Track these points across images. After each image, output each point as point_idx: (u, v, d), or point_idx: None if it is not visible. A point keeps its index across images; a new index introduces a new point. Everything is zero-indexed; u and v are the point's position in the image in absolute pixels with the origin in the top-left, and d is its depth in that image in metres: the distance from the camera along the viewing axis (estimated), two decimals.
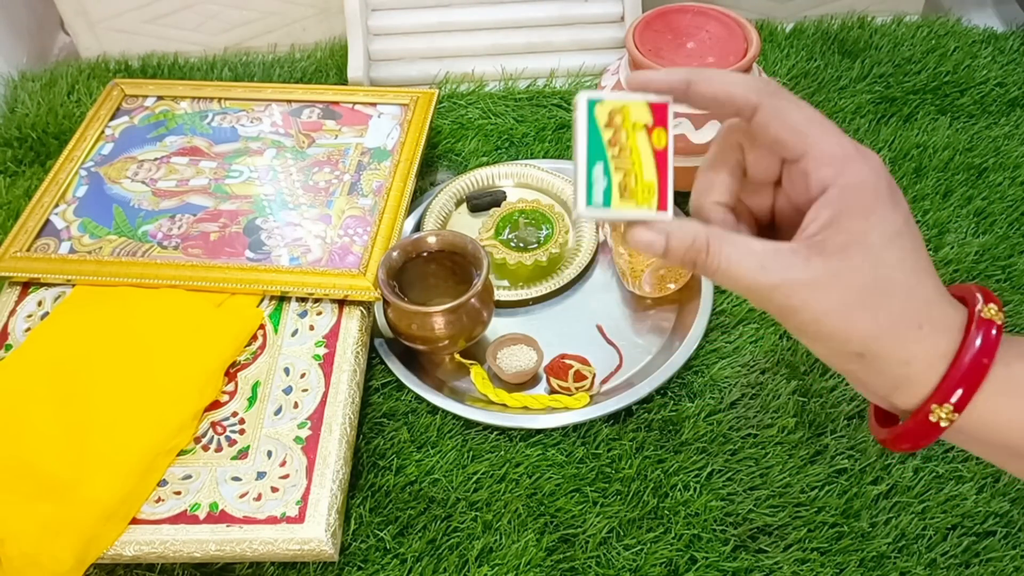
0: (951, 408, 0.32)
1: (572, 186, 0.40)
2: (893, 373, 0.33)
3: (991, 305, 0.33)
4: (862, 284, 0.32)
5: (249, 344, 0.67)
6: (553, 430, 0.66)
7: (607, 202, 0.34)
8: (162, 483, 0.60)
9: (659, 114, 0.34)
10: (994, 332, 0.32)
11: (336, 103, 0.85)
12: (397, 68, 0.98)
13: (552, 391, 0.69)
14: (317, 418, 0.63)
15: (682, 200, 0.81)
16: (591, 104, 0.34)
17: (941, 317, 0.32)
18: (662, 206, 0.34)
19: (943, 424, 0.32)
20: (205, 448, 0.62)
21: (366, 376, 0.69)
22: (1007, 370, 0.32)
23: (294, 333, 0.68)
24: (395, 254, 0.69)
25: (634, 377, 0.70)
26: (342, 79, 0.97)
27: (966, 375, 0.32)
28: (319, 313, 0.69)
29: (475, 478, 0.64)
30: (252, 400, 0.64)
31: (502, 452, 0.65)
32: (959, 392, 0.32)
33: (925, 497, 0.62)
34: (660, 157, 0.34)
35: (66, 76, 0.99)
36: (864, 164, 0.32)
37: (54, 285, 0.72)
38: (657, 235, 0.34)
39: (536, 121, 0.91)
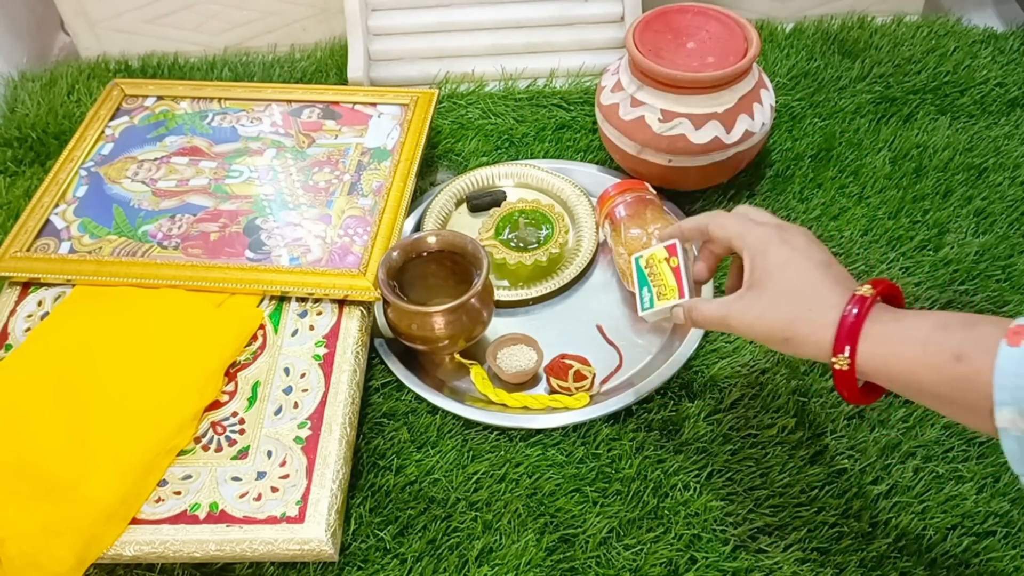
0: (845, 357, 0.47)
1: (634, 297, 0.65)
2: (808, 344, 0.49)
3: (867, 286, 0.48)
4: (770, 299, 0.51)
5: (249, 344, 0.67)
6: (553, 430, 0.66)
7: (652, 304, 0.61)
8: (162, 483, 0.60)
9: (671, 250, 0.61)
10: (867, 302, 0.47)
11: (336, 103, 0.85)
12: (397, 68, 0.98)
13: (552, 391, 0.69)
14: (317, 418, 0.63)
15: (683, 196, 0.81)
16: (637, 259, 0.64)
17: (827, 303, 0.49)
18: (680, 295, 0.60)
19: (844, 368, 0.48)
20: (205, 448, 0.62)
21: (366, 376, 0.69)
22: (881, 327, 0.47)
23: (294, 333, 0.68)
24: (395, 254, 0.69)
25: (634, 377, 0.70)
26: (342, 79, 0.97)
27: (846, 333, 0.47)
28: (319, 313, 0.69)
29: (475, 478, 0.64)
30: (252, 400, 0.64)
31: (502, 452, 0.65)
32: (847, 347, 0.47)
33: (925, 497, 0.62)
34: (676, 271, 0.60)
35: (66, 76, 0.99)
36: (765, 240, 0.53)
37: (54, 285, 0.72)
38: (680, 311, 0.59)
39: (536, 121, 0.91)
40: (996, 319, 0.44)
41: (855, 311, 0.47)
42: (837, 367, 0.48)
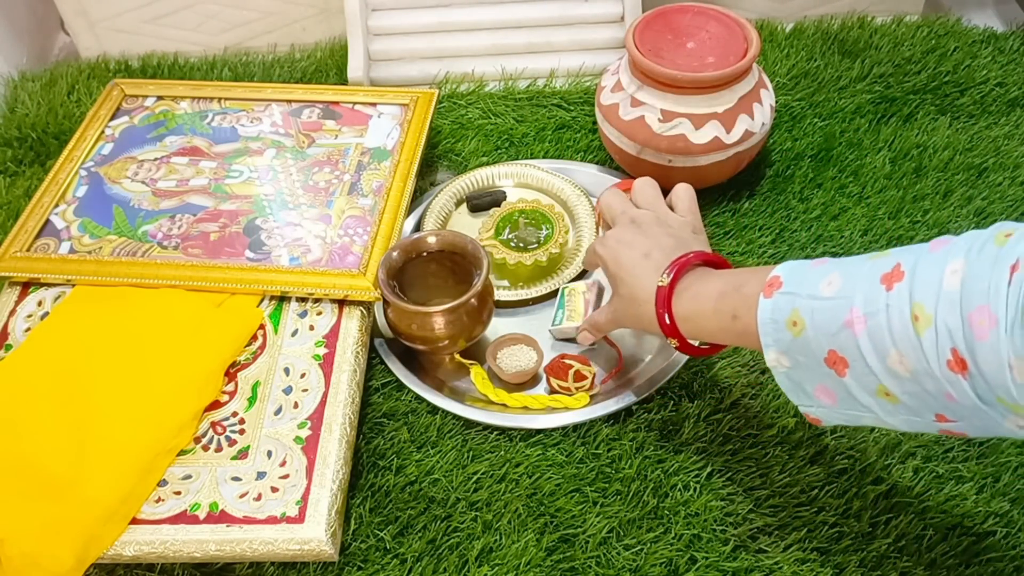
0: (667, 314, 0.56)
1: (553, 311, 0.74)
2: (649, 313, 0.57)
3: (665, 274, 0.56)
4: (622, 303, 0.61)
5: (249, 344, 0.67)
6: (553, 430, 0.66)
7: (561, 322, 0.71)
8: (162, 483, 0.60)
9: (589, 286, 0.73)
10: (665, 291, 0.56)
11: (336, 103, 0.85)
12: (397, 68, 0.98)
13: (552, 391, 0.69)
14: (317, 418, 0.63)
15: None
16: (563, 289, 0.74)
17: (645, 297, 0.58)
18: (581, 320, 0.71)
19: (678, 346, 0.57)
20: (205, 448, 0.62)
21: (366, 376, 0.69)
22: (683, 306, 0.55)
23: (294, 333, 0.68)
24: (395, 254, 0.69)
25: (634, 377, 0.70)
26: (342, 79, 0.97)
27: (666, 327, 0.56)
28: (319, 313, 0.69)
29: (475, 478, 0.64)
30: (252, 400, 0.64)
31: (502, 452, 0.65)
32: (672, 336, 0.56)
33: (925, 497, 0.62)
34: (586, 302, 0.72)
35: (66, 76, 0.99)
36: (603, 253, 0.62)
37: (54, 285, 0.72)
38: (585, 332, 0.69)
39: (536, 121, 0.91)
40: (764, 275, 0.50)
41: (669, 278, 0.56)
42: (667, 321, 0.56)
